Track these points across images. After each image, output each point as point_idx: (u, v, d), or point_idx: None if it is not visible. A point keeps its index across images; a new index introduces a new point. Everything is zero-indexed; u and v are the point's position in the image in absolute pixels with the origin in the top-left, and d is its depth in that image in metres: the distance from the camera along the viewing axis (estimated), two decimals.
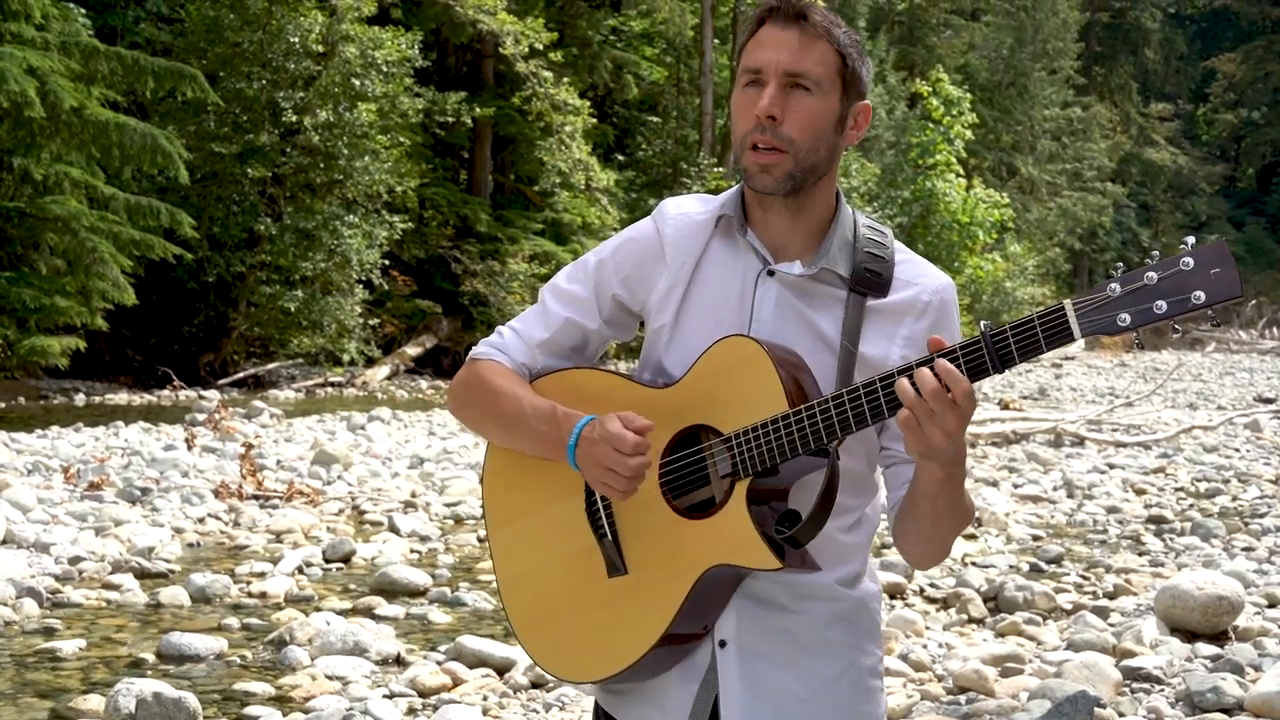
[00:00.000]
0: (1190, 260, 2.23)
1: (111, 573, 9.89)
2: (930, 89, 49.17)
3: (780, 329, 2.66)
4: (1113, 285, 2.28)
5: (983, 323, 2.37)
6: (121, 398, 27.90)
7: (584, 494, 2.71)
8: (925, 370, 2.35)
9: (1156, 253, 2.28)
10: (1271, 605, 9.12)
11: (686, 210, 2.82)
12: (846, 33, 2.69)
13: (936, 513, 2.56)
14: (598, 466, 2.56)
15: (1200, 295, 2.21)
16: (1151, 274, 2.26)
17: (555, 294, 2.86)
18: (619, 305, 2.83)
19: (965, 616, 9.02)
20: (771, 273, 2.70)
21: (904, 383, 2.35)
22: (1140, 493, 14.94)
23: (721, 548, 2.55)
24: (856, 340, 2.65)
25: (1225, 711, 6.62)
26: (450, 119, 36.09)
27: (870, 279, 2.69)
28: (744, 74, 2.69)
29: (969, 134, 49.92)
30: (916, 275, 2.76)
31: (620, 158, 44.22)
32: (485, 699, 7.06)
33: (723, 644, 2.68)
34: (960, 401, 2.33)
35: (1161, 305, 2.24)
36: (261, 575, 9.99)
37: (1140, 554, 11.41)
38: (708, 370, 2.62)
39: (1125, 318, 2.26)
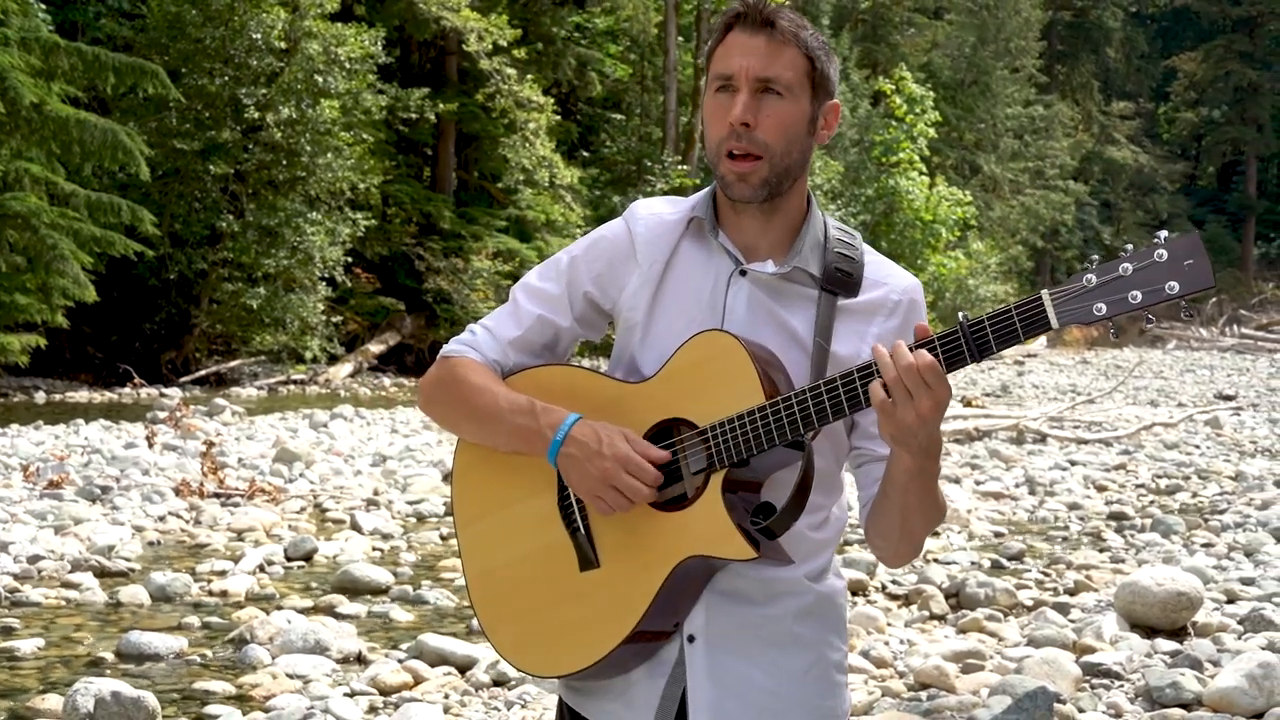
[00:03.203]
0: (1164, 252, 2.29)
1: (71, 571, 9.83)
2: (893, 87, 49.29)
3: (753, 327, 2.68)
4: (1088, 276, 2.34)
5: (961, 314, 2.41)
6: (82, 395, 27.76)
7: (556, 489, 2.72)
8: (902, 348, 2.39)
9: (1130, 245, 2.35)
10: (1230, 601, 9.17)
11: (657, 211, 2.84)
12: (814, 34, 2.72)
13: (906, 506, 2.58)
14: (598, 481, 2.58)
15: (1174, 286, 2.28)
16: (1126, 265, 2.32)
17: (527, 292, 2.87)
18: (590, 303, 2.84)
19: (927, 613, 9.05)
20: (744, 272, 2.73)
21: (884, 358, 2.39)
22: (1101, 489, 15.01)
23: (696, 539, 2.57)
24: (829, 338, 2.68)
25: (1184, 707, 6.66)
26: (414, 116, 36.01)
27: (841, 278, 2.73)
28: (715, 80, 2.71)
29: (932, 132, 50.08)
30: (886, 275, 2.80)
31: (584, 155, 44.19)
32: (447, 697, 7.05)
33: (691, 639, 2.69)
34: (933, 383, 2.36)
35: (1136, 295, 2.30)
36: (222, 573, 9.95)
37: (1101, 550, 11.46)
38: (683, 365, 2.64)
39: (1101, 307, 2.33)
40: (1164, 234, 2.32)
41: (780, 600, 2.73)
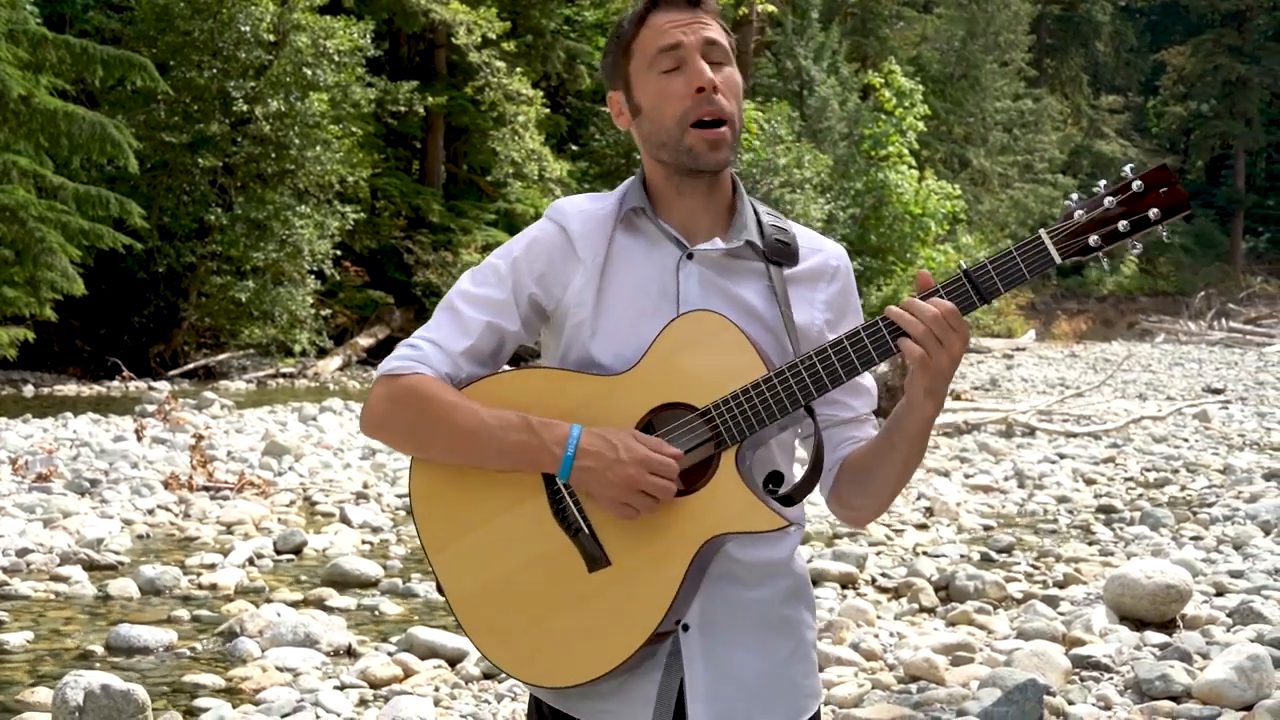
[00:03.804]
0: (1140, 183, 2.45)
1: (60, 565, 9.82)
2: (882, 81, 49.21)
3: (708, 307, 2.67)
4: (1078, 212, 2.47)
5: (961, 262, 2.47)
6: (70, 388, 27.71)
7: (546, 493, 2.64)
8: (919, 303, 2.47)
9: (1104, 181, 2.48)
10: (1219, 594, 9.19)
11: (584, 207, 2.80)
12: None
13: (911, 454, 2.63)
14: (624, 488, 2.52)
15: (1156, 212, 2.45)
16: (1109, 198, 2.45)
17: (468, 300, 2.77)
18: (534, 305, 2.77)
19: (916, 606, 9.06)
20: (691, 255, 2.72)
21: (905, 315, 2.47)
22: (1090, 482, 15.03)
23: (720, 518, 2.55)
24: (790, 306, 2.71)
25: (1173, 699, 6.68)
26: (402, 109, 35.96)
27: (782, 249, 2.76)
28: (658, 60, 2.69)
29: (921, 126, 50.01)
30: (819, 243, 2.86)
31: (574, 148, 44.12)
32: (437, 690, 7.05)
33: (685, 627, 2.66)
34: (957, 326, 2.46)
35: (1125, 224, 2.45)
36: (212, 567, 9.94)
37: (1090, 543, 11.48)
38: (668, 349, 2.61)
39: (1096, 239, 2.46)
40: (1130, 168, 2.48)
41: (769, 583, 2.73)
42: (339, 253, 33.82)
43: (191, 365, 31.14)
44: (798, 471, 2.68)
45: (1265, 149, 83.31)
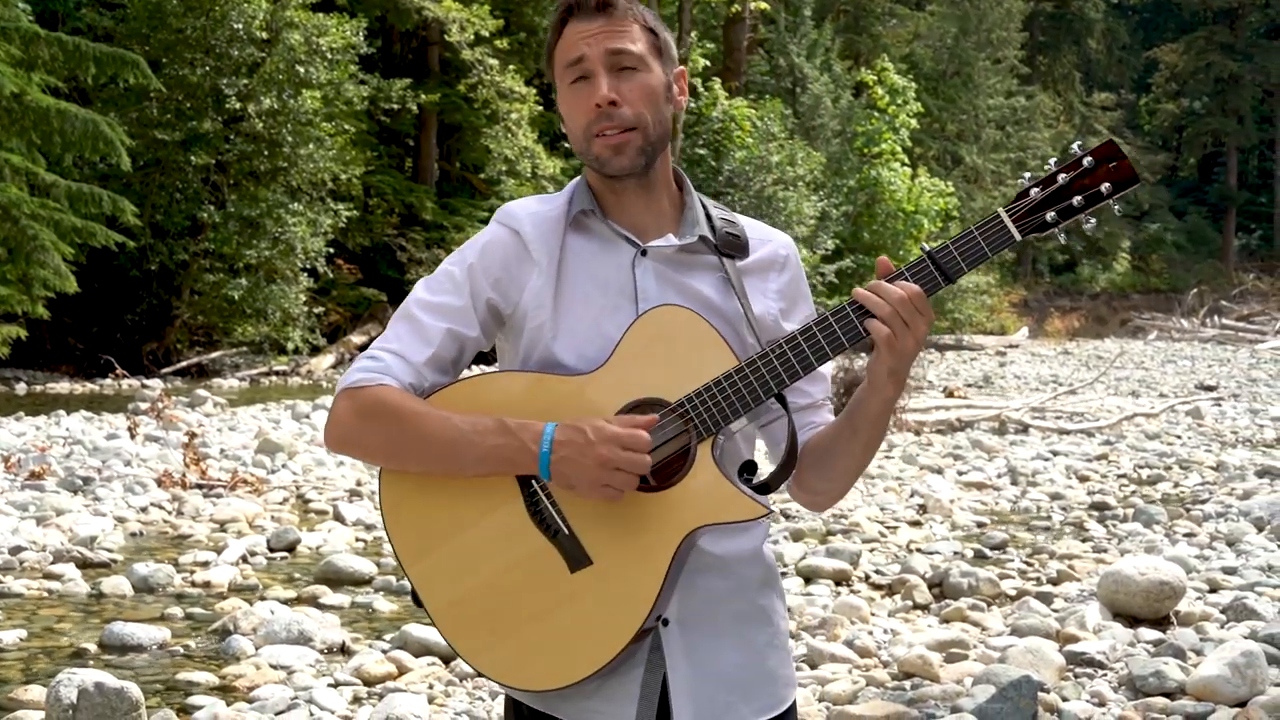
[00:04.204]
0: (1090, 160, 2.57)
1: (53, 562, 9.81)
2: (875, 78, 49.31)
3: (669, 302, 2.69)
4: (1033, 190, 2.56)
5: (923, 243, 2.52)
6: (63, 386, 27.68)
7: (522, 497, 2.64)
8: (884, 284, 2.52)
9: (1053, 159, 2.58)
10: (1213, 590, 9.21)
11: (534, 209, 2.81)
12: (643, 8, 2.77)
13: (872, 438, 2.67)
14: (599, 468, 2.51)
15: (1107, 186, 2.55)
16: (1062, 175, 2.56)
17: (426, 308, 2.76)
18: (492, 310, 2.77)
19: (910, 603, 9.07)
20: (645, 252, 2.74)
21: (872, 297, 2.51)
22: (1083, 479, 15.05)
23: (700, 510, 2.56)
24: (748, 298, 2.74)
25: (1167, 695, 6.69)
26: (395, 106, 35.94)
27: (733, 241, 2.79)
28: (567, 72, 2.73)
29: (914, 123, 50.12)
30: (767, 234, 2.90)
31: (566, 145, 44.11)
32: (431, 687, 7.04)
33: (665, 622, 2.67)
34: (922, 308, 2.51)
35: (1079, 199, 2.55)
36: (205, 565, 9.93)
37: (1083, 540, 11.49)
38: (637, 345, 2.62)
39: (1052, 215, 2.55)
40: (1078, 144, 2.60)
41: (742, 573, 2.74)
42: (332, 250, 33.79)
43: (184, 363, 31.12)
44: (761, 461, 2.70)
45: (1257, 146, 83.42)
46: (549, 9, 40.90)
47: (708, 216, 2.81)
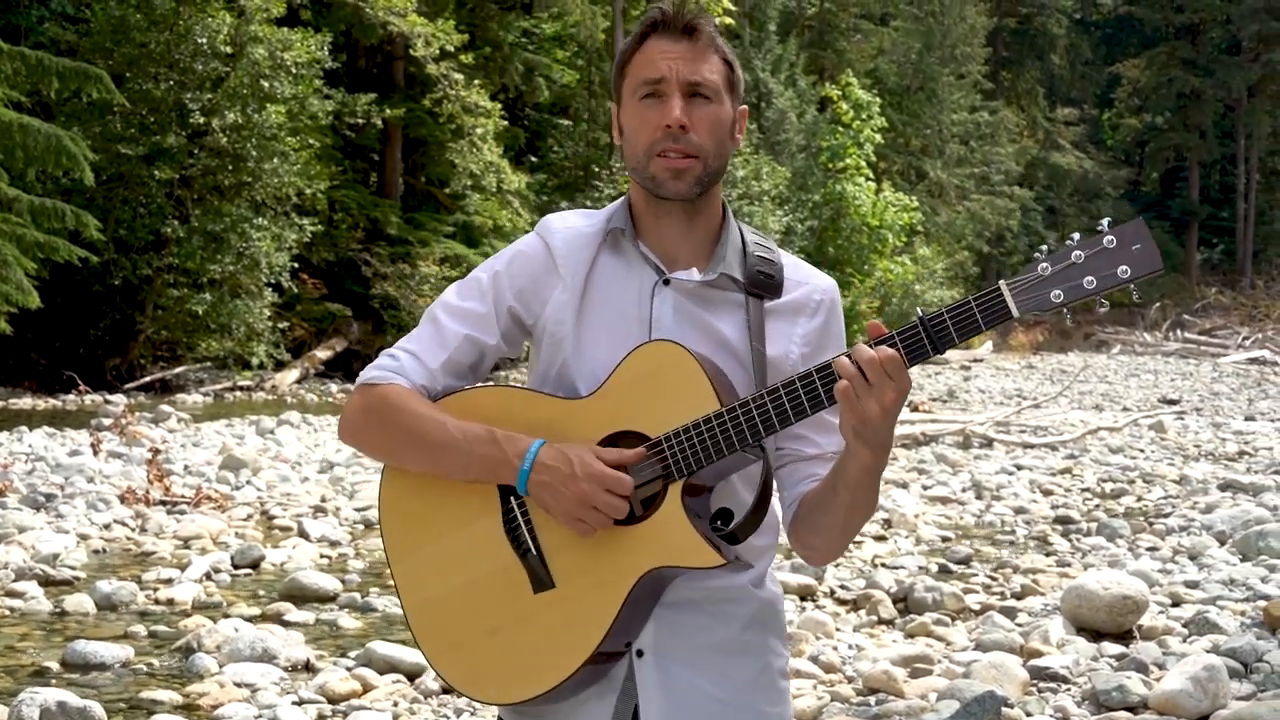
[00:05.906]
0: (1113, 239, 2.38)
1: (15, 580, 9.74)
2: (840, 93, 49.54)
3: (681, 336, 2.67)
4: (1043, 265, 2.40)
5: (919, 309, 2.45)
6: (25, 402, 27.53)
7: (500, 512, 2.67)
8: (862, 346, 2.43)
9: (1077, 234, 2.41)
10: (1175, 604, 9.26)
11: (572, 224, 2.82)
12: (722, 40, 2.77)
13: (855, 501, 2.60)
14: (576, 503, 2.53)
15: (1125, 270, 2.37)
16: (1078, 252, 2.39)
17: (449, 312, 2.81)
18: (514, 319, 2.80)
19: (875, 618, 9.09)
20: (667, 282, 2.73)
21: (842, 359, 2.42)
22: (1047, 493, 15.11)
23: (660, 551, 2.55)
24: (764, 341, 2.70)
25: (1130, 710, 6.72)
26: (360, 121, 35.87)
27: (764, 281, 2.76)
28: (641, 87, 2.72)
29: (878, 138, 50.35)
30: (806, 276, 2.84)
31: (532, 160, 44.17)
32: (396, 705, 7.03)
33: (639, 653, 2.67)
34: (894, 373, 2.40)
35: (1091, 281, 2.38)
36: (169, 582, 9.89)
37: (1047, 554, 11.54)
38: (628, 377, 2.62)
39: (1059, 294, 2.39)
40: (1107, 221, 2.41)
41: (728, 609, 2.73)
42: (296, 265, 33.68)
43: (148, 378, 30.95)
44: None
45: (1219, 161, 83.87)
46: (513, 24, 40.99)
47: (744, 253, 2.78)
